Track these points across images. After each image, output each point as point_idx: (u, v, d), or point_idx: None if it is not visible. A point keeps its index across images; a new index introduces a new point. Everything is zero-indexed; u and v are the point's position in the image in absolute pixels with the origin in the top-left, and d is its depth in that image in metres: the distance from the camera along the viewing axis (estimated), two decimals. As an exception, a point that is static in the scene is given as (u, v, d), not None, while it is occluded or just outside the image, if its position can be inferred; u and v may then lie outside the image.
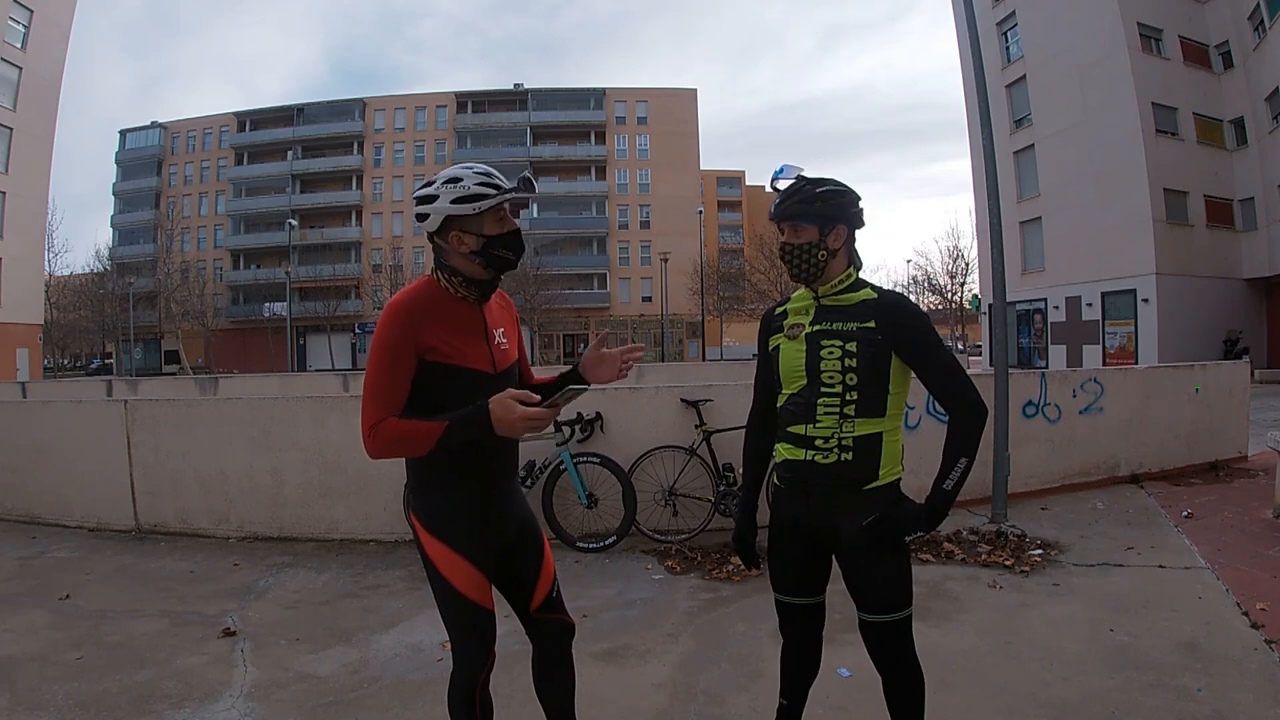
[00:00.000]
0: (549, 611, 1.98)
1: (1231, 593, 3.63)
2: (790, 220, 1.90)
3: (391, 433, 1.67)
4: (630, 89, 49.97)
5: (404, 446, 1.70)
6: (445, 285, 1.79)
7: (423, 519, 1.82)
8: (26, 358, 28.90)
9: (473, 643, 1.82)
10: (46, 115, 29.57)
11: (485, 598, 1.82)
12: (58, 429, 5.65)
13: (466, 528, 1.80)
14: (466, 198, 1.71)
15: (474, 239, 1.76)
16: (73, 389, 14.65)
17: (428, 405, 1.71)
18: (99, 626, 3.58)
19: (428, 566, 1.82)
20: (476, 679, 1.82)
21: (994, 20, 27.28)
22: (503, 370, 1.85)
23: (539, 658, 2.02)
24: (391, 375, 1.69)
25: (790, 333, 1.94)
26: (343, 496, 5.07)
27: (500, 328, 1.89)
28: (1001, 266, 5.53)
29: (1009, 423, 5.17)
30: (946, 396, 1.85)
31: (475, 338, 1.80)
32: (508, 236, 1.79)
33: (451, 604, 1.80)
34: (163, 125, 51.10)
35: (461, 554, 1.78)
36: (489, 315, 1.86)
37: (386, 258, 45.24)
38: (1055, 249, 25.83)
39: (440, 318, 1.75)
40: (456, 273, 1.79)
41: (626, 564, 4.46)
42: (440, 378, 1.72)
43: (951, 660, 2.97)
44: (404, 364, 1.69)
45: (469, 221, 1.74)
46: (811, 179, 1.91)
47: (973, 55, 5.58)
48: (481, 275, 1.80)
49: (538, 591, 1.96)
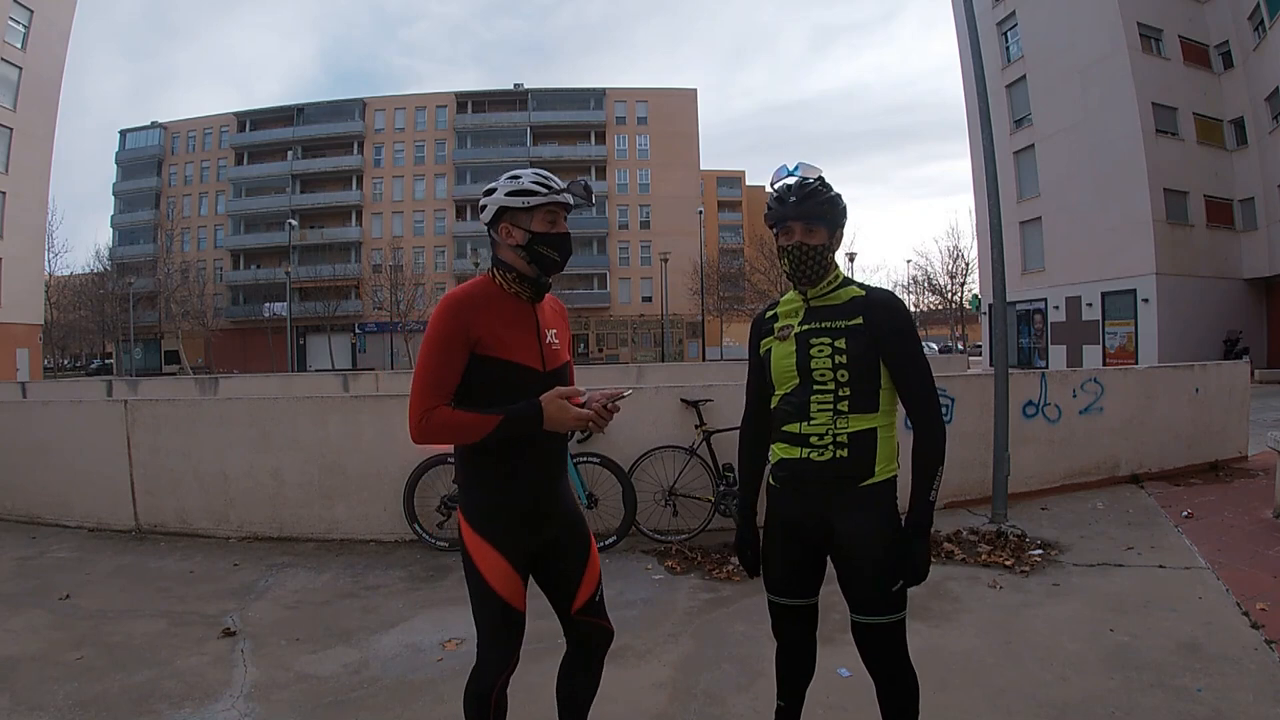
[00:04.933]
0: (591, 615, 1.98)
1: (1231, 593, 3.63)
2: (807, 220, 1.88)
3: (444, 421, 1.73)
4: (630, 89, 49.96)
5: (454, 435, 1.75)
6: (499, 281, 1.85)
7: (468, 515, 1.86)
8: (26, 358, 28.89)
9: (499, 641, 1.83)
10: (46, 115, 29.56)
11: (518, 598, 1.83)
12: (58, 429, 5.65)
13: (508, 526, 1.83)
14: (519, 191, 1.81)
15: (521, 233, 1.83)
16: (73, 389, 14.64)
17: (476, 398, 1.77)
18: (99, 626, 3.58)
19: (466, 561, 1.85)
20: (495, 680, 1.82)
21: (994, 20, 27.27)
22: (552, 369, 1.89)
23: (571, 657, 2.03)
24: (443, 365, 1.74)
25: (780, 334, 1.95)
26: (343, 496, 5.07)
27: (553, 329, 1.93)
28: (1001, 266, 5.53)
29: (1009, 423, 5.17)
30: (915, 403, 1.87)
31: (526, 334, 1.84)
32: (554, 237, 1.85)
33: (483, 599, 1.82)
34: (163, 125, 51.10)
35: (499, 550, 1.81)
36: (541, 315, 1.91)
37: (386, 258, 45.19)
38: (1055, 249, 25.83)
39: (492, 312, 1.80)
40: (509, 268, 1.86)
41: (626, 564, 4.46)
42: (489, 372, 1.77)
43: (951, 660, 2.97)
44: (455, 355, 1.75)
45: (519, 215, 1.83)
46: (825, 182, 1.90)
47: (973, 55, 5.58)
48: (527, 271, 1.86)
49: (580, 593, 1.96)
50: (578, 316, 46.51)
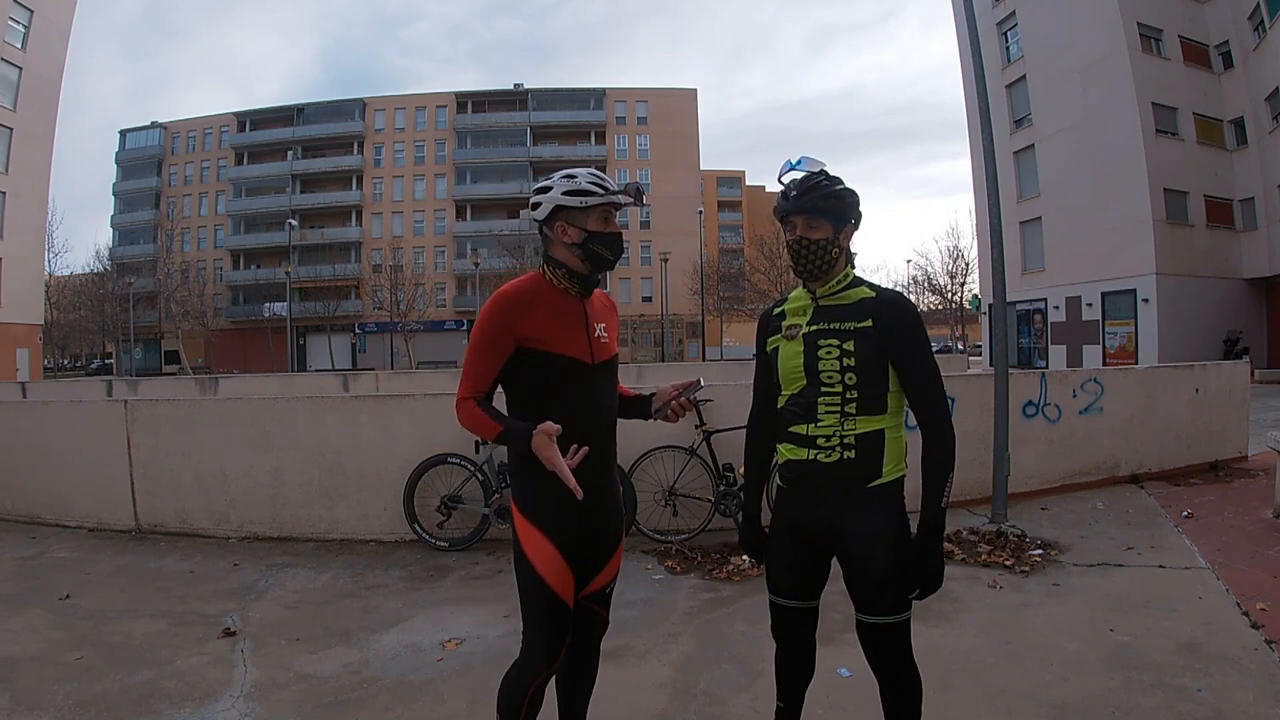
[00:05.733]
0: (595, 603, 2.01)
1: (1231, 593, 3.63)
2: (808, 214, 1.85)
3: (470, 414, 1.85)
4: (630, 89, 49.98)
5: (475, 428, 1.87)
6: (550, 278, 1.91)
7: (520, 501, 1.89)
8: (26, 358, 28.90)
9: (547, 637, 1.83)
10: (46, 115, 29.57)
11: (567, 591, 1.85)
12: (58, 429, 5.65)
13: (563, 515, 1.85)
14: (577, 191, 1.86)
15: (577, 231, 1.88)
16: (73, 389, 14.64)
17: (527, 388, 1.87)
18: (99, 626, 3.58)
19: (516, 550, 1.88)
20: (536, 677, 1.83)
21: (994, 20, 27.28)
22: (601, 361, 1.94)
23: (568, 647, 2.02)
24: (483, 361, 1.85)
25: (788, 333, 1.93)
26: (343, 496, 5.07)
27: (601, 323, 1.98)
28: (1001, 266, 5.53)
29: (1009, 423, 5.17)
30: (925, 408, 1.85)
31: (575, 328, 1.89)
32: (609, 237, 1.90)
33: (532, 589, 1.84)
34: (163, 125, 51.13)
35: (552, 540, 1.84)
36: (590, 309, 1.96)
37: (386, 258, 45.19)
38: (1055, 249, 25.83)
39: (541, 307, 1.86)
40: (560, 265, 1.90)
41: (626, 564, 4.41)
42: (539, 364, 1.84)
43: (951, 660, 2.97)
44: (497, 352, 1.84)
45: (575, 215, 1.87)
46: (830, 175, 1.89)
47: (973, 55, 5.57)
48: (581, 269, 1.91)
49: (596, 581, 1.99)
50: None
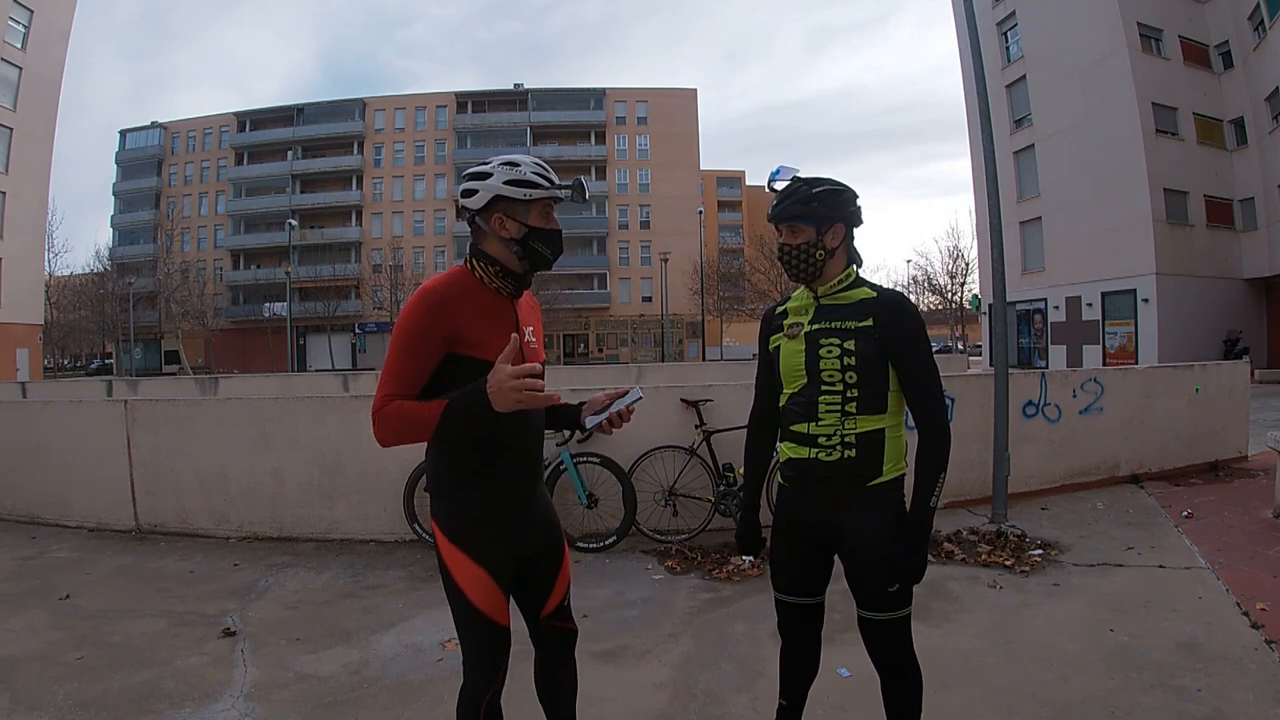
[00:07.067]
0: (558, 620, 1.94)
1: (1231, 593, 3.63)
2: (787, 221, 1.90)
3: (394, 413, 1.61)
4: (630, 89, 49.94)
5: (407, 429, 1.62)
6: (480, 274, 1.74)
7: (443, 524, 1.74)
8: (26, 358, 28.89)
9: (483, 658, 1.76)
10: (46, 115, 29.55)
11: (501, 613, 1.75)
12: (58, 429, 5.65)
13: (489, 537, 1.73)
14: (521, 181, 1.69)
15: (516, 225, 1.71)
16: (73, 389, 14.64)
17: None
18: (99, 626, 3.58)
19: (444, 574, 1.75)
20: (483, 695, 1.77)
21: (994, 20, 27.27)
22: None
23: (542, 662, 1.99)
24: (414, 360, 1.64)
25: (789, 332, 1.95)
26: (343, 496, 5.07)
27: (530, 326, 1.83)
28: (1001, 266, 5.53)
29: (1009, 423, 5.17)
30: (922, 407, 1.86)
31: (506, 332, 1.69)
32: (549, 233, 1.75)
33: (464, 616, 1.75)
34: (163, 125, 51.09)
35: (481, 565, 1.72)
36: (520, 311, 1.80)
37: (386, 258, 45.22)
38: (1055, 249, 25.83)
39: (471, 307, 1.69)
40: (493, 261, 1.74)
41: (626, 564, 4.46)
42: (467, 371, 1.64)
43: (951, 660, 2.97)
44: (426, 351, 1.64)
45: (516, 207, 1.71)
46: (808, 179, 1.91)
47: (973, 55, 5.58)
48: (516, 267, 1.75)
49: (551, 600, 1.91)
50: (578, 316, 46.54)
